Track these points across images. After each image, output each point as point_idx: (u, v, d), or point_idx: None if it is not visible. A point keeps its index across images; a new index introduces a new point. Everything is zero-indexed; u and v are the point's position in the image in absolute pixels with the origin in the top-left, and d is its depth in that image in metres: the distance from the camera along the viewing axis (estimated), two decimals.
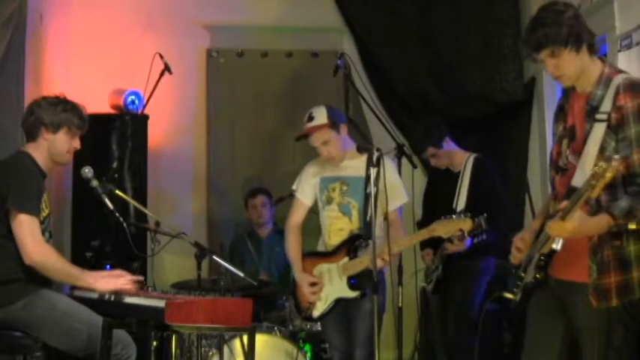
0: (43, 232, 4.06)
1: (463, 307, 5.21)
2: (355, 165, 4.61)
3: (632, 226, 3.06)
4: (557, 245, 3.10)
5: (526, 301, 3.34)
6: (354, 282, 4.53)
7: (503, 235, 5.19)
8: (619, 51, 4.92)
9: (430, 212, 5.37)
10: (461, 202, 5.29)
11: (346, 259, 4.58)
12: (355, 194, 4.62)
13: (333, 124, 4.64)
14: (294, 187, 4.91)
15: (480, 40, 6.49)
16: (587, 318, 3.14)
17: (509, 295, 3.36)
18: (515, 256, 3.38)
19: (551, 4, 3.27)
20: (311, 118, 4.68)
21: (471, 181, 5.31)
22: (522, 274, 3.33)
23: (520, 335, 3.50)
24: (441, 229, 4.34)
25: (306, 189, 4.83)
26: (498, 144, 6.39)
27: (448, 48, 6.57)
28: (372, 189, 4.33)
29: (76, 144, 4.21)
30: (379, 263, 4.32)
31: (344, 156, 4.65)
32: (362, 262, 4.42)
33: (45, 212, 4.10)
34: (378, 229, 4.51)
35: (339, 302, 4.62)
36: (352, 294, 4.54)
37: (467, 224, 4.26)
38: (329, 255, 4.68)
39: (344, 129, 4.71)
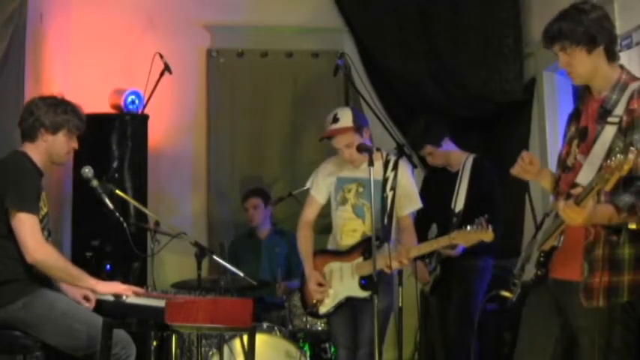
0: (42, 231, 4.06)
1: (465, 307, 5.21)
2: (373, 167, 4.57)
3: (633, 226, 3.06)
4: (557, 242, 3.13)
5: (524, 300, 3.35)
6: (364, 282, 4.54)
7: (501, 236, 5.21)
8: (619, 51, 4.91)
9: (427, 212, 5.37)
10: (459, 202, 5.29)
11: (360, 259, 4.59)
12: (370, 196, 4.60)
13: (358, 127, 4.65)
14: (308, 184, 4.91)
15: (479, 40, 6.48)
16: (584, 318, 3.14)
17: (506, 294, 3.37)
18: (521, 167, 3.38)
19: (582, 2, 3.29)
20: (336, 120, 4.68)
21: (470, 182, 5.31)
22: (520, 273, 3.34)
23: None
24: (462, 238, 4.34)
25: (321, 187, 4.83)
26: (498, 144, 6.38)
27: (448, 48, 6.56)
28: (372, 189, 4.35)
29: (75, 144, 4.22)
30: (395, 265, 4.41)
31: (364, 159, 4.62)
32: (377, 263, 4.36)
33: (43, 211, 4.10)
34: (394, 232, 4.61)
35: (347, 301, 4.63)
36: (363, 294, 4.54)
37: (489, 236, 4.24)
38: (342, 254, 4.69)
39: (367, 132, 4.72)
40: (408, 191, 4.72)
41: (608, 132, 3.12)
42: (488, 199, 5.20)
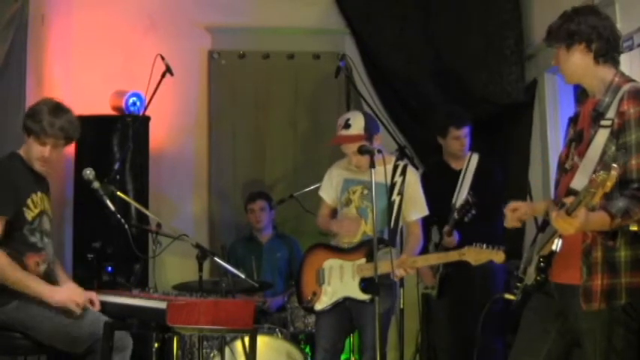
0: (32, 232, 4.06)
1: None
2: (381, 171, 4.55)
3: (634, 228, 3.06)
4: (555, 247, 3.13)
5: (526, 302, 3.36)
6: (364, 285, 4.53)
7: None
8: (620, 52, 4.91)
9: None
10: (461, 198, 5.27)
11: (363, 260, 4.58)
12: (374, 199, 4.61)
13: (369, 135, 4.65)
14: (320, 185, 4.96)
15: (481, 42, 6.48)
16: (586, 321, 3.14)
17: (510, 297, 3.38)
18: (511, 218, 3.40)
19: (586, 6, 3.39)
20: (347, 126, 4.67)
21: (474, 178, 5.30)
22: (522, 276, 3.35)
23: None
24: (472, 255, 4.30)
25: (329, 190, 4.88)
26: (500, 145, 6.38)
27: (449, 49, 6.56)
28: (373, 191, 4.34)
29: (45, 152, 4.12)
30: (401, 273, 4.42)
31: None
32: (380, 267, 4.33)
33: (34, 212, 4.10)
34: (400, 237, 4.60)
35: (345, 301, 4.62)
36: (362, 296, 4.53)
37: (500, 257, 4.21)
38: (344, 252, 4.69)
39: (378, 139, 4.73)
40: (415, 197, 4.73)
41: (601, 135, 3.13)
42: (492, 197, 5.17)
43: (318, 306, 4.69)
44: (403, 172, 4.68)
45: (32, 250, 4.10)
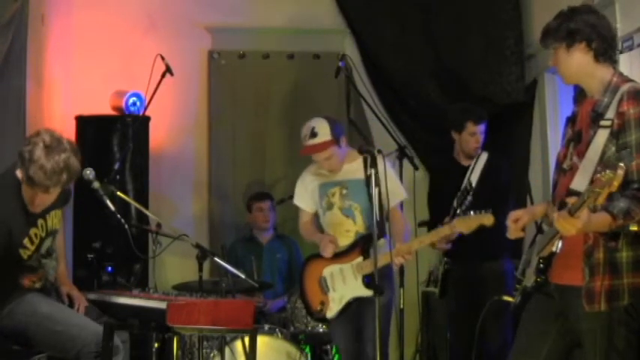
0: (29, 261, 4.01)
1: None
2: (353, 168, 4.64)
3: (634, 228, 3.06)
4: (556, 248, 3.13)
5: (525, 305, 3.36)
6: (367, 280, 4.52)
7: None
8: (620, 53, 4.90)
9: (437, 208, 5.33)
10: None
11: (360, 258, 4.59)
12: (356, 196, 4.66)
13: (337, 139, 4.67)
14: (294, 197, 4.98)
15: (481, 42, 6.48)
16: (587, 321, 3.14)
17: (509, 298, 3.38)
18: (514, 229, 3.38)
19: (583, 5, 3.37)
20: (314, 134, 4.68)
21: (482, 175, 5.29)
22: (521, 277, 3.35)
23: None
24: (462, 225, 4.33)
25: (305, 197, 4.90)
26: (499, 145, 6.37)
27: (449, 49, 6.57)
28: (374, 190, 4.34)
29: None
30: (399, 260, 4.45)
31: (342, 164, 4.70)
32: (378, 260, 4.30)
33: (30, 250, 3.99)
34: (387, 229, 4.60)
35: (354, 301, 4.62)
36: (368, 293, 4.49)
37: (489, 219, 4.22)
38: (339, 256, 4.69)
39: (344, 140, 4.76)
40: (390, 184, 4.69)
41: (601, 136, 3.12)
42: (499, 194, 5.15)
43: (329, 314, 4.69)
44: (373, 164, 4.66)
45: (28, 271, 4.06)
